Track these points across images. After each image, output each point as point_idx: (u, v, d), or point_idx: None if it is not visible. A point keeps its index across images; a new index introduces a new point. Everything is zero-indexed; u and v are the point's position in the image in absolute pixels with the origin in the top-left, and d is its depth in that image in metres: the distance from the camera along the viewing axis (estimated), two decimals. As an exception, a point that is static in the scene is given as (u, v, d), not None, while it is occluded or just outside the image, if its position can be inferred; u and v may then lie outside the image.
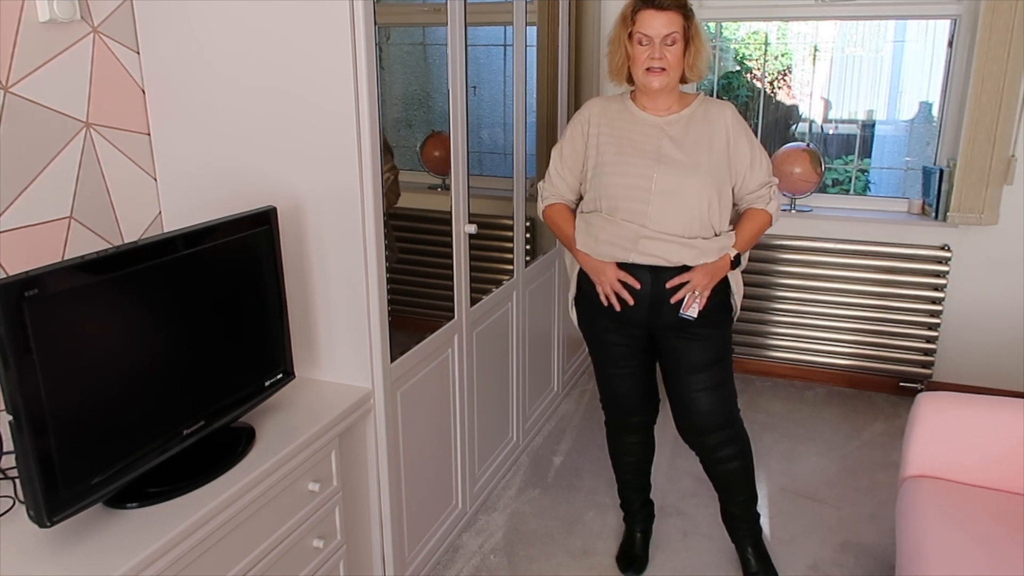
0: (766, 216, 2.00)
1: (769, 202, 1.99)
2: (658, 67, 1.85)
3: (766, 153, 2.00)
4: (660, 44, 1.83)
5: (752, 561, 2.20)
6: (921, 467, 1.98)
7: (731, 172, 1.95)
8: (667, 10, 1.83)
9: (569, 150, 2.05)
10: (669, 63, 1.84)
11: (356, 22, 1.66)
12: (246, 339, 1.67)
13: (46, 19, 1.61)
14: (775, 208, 2.00)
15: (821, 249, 3.40)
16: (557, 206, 2.10)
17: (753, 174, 1.97)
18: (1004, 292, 3.23)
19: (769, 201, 1.99)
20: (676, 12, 1.84)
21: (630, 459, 2.29)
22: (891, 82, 4.47)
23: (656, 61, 1.84)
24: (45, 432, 1.20)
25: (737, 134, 1.94)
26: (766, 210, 1.99)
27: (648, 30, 1.83)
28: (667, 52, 1.84)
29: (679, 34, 1.84)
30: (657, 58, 1.84)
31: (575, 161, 2.04)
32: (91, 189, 1.77)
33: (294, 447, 1.62)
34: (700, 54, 1.89)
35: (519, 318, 2.76)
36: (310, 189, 1.81)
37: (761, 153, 1.98)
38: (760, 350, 3.61)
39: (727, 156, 1.93)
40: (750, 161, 1.96)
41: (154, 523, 1.34)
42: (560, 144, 2.07)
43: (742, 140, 1.94)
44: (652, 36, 1.83)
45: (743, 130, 1.95)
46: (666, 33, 1.83)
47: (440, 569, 2.30)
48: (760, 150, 1.98)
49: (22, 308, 1.16)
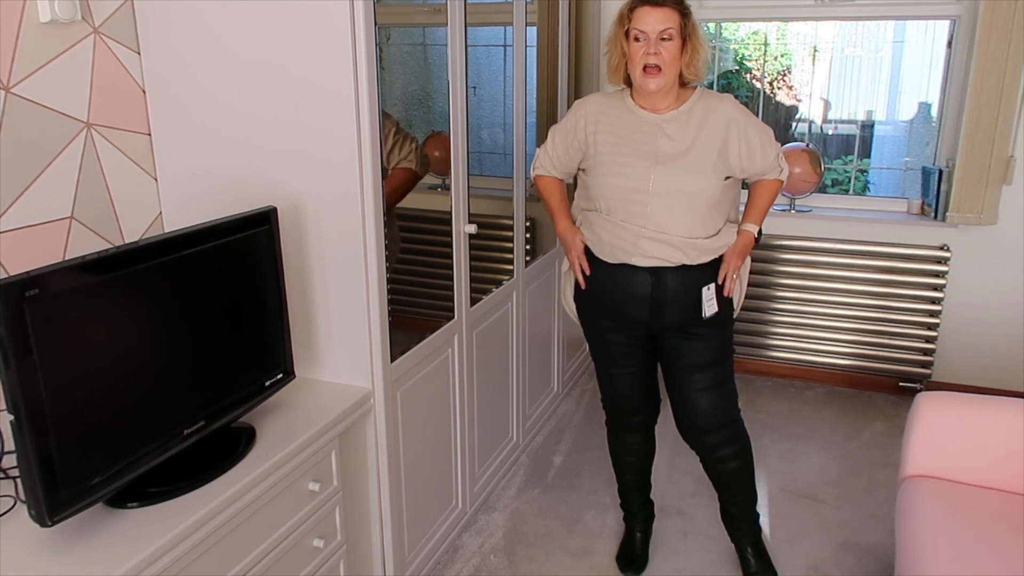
0: (777, 183, 2.04)
1: (781, 171, 2.03)
2: (654, 64, 1.83)
3: (770, 129, 2.00)
4: (656, 40, 1.82)
5: (752, 561, 2.20)
6: (921, 467, 1.99)
7: (738, 163, 1.94)
8: (663, 6, 1.82)
9: (561, 139, 2.07)
10: (664, 60, 1.83)
11: (356, 22, 1.67)
12: (246, 339, 1.67)
13: (47, 20, 1.61)
14: (784, 174, 2.04)
15: (821, 249, 3.40)
16: (547, 178, 2.16)
17: (765, 156, 1.97)
18: (1003, 292, 3.23)
19: (781, 171, 2.03)
20: (672, 8, 1.83)
21: (630, 459, 2.29)
22: (891, 82, 4.48)
23: (652, 57, 1.83)
24: (46, 432, 1.21)
25: (743, 125, 1.92)
26: (778, 178, 2.03)
27: (643, 26, 1.83)
28: (663, 48, 1.83)
29: (675, 31, 1.83)
30: (653, 53, 1.83)
31: (564, 151, 2.07)
32: (92, 189, 1.77)
33: (294, 447, 1.62)
34: (697, 53, 1.88)
35: (519, 318, 2.76)
36: (310, 189, 1.81)
37: (768, 134, 1.98)
38: (760, 350, 3.61)
39: (730, 149, 1.92)
40: (760, 150, 1.95)
41: (154, 523, 1.34)
42: (555, 129, 2.10)
43: (749, 131, 1.93)
44: (648, 32, 1.83)
45: (747, 119, 1.94)
46: (661, 28, 1.82)
47: (440, 569, 2.30)
48: (766, 131, 1.98)
49: (23, 308, 1.16)
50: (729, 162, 1.93)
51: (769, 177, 2.02)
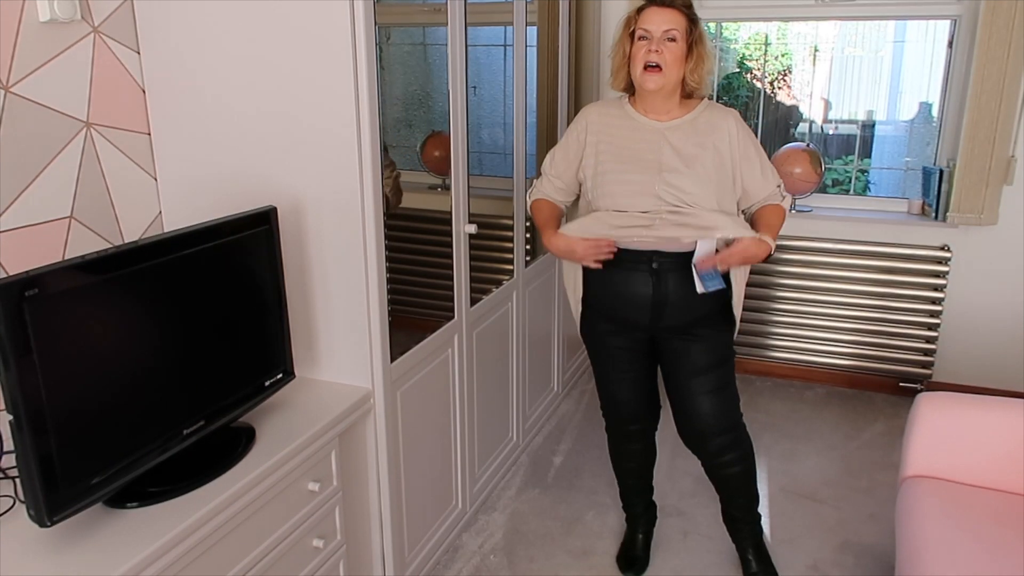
0: (782, 208, 2.00)
1: (783, 199, 2.00)
2: (655, 63, 1.82)
3: (767, 159, 1.99)
4: (659, 39, 1.81)
5: (753, 562, 2.20)
6: (921, 467, 1.98)
7: (736, 181, 1.93)
8: (670, 7, 1.82)
9: (562, 157, 2.04)
10: (666, 60, 1.82)
11: (356, 22, 1.67)
12: (246, 339, 1.67)
13: (46, 19, 1.61)
14: (787, 205, 2.01)
15: (821, 249, 3.40)
16: (541, 201, 2.11)
17: (766, 181, 1.96)
18: (1004, 292, 3.23)
19: (783, 198, 2.00)
20: (680, 12, 1.83)
21: (631, 465, 2.29)
22: (891, 82, 4.47)
23: (653, 55, 1.81)
24: (45, 432, 1.20)
25: (744, 144, 1.92)
26: (781, 204, 2.00)
27: (648, 25, 1.82)
28: (666, 48, 1.81)
29: (680, 33, 1.82)
30: (655, 51, 1.81)
31: (567, 169, 2.04)
32: (91, 189, 1.77)
33: (294, 447, 1.62)
34: (703, 61, 1.87)
35: (519, 318, 2.76)
36: (310, 189, 1.81)
37: (765, 160, 1.97)
38: (760, 350, 3.61)
39: (731, 165, 1.91)
40: (760, 171, 1.95)
41: (154, 523, 1.34)
42: (554, 150, 2.07)
43: (750, 150, 1.93)
44: (652, 31, 1.82)
45: (749, 139, 1.93)
46: (666, 28, 1.81)
47: (440, 569, 2.30)
48: (764, 157, 1.97)
49: (22, 308, 1.16)
50: (731, 175, 1.91)
51: (771, 202, 1.99)
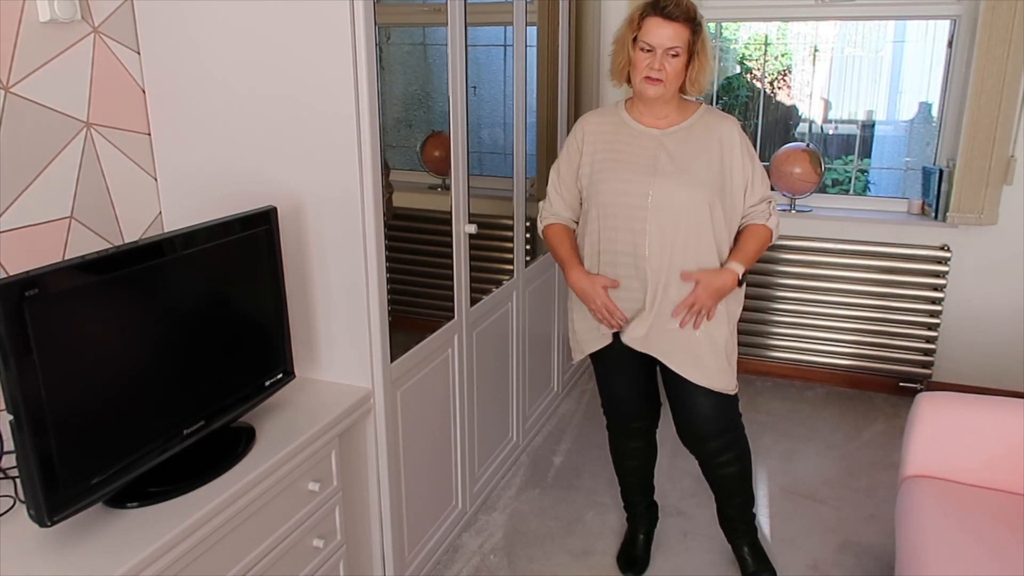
0: (767, 231, 1.96)
1: (769, 217, 1.96)
2: (656, 77, 1.82)
3: (764, 171, 1.98)
4: (662, 55, 1.80)
5: (749, 561, 2.20)
6: (921, 467, 1.98)
7: (729, 188, 1.92)
8: (675, 21, 1.78)
9: (565, 169, 2.04)
10: (667, 74, 1.81)
11: (356, 22, 1.67)
12: (246, 339, 1.67)
13: (46, 19, 1.61)
14: (775, 224, 1.97)
15: (821, 249, 3.40)
16: (556, 226, 2.07)
17: (754, 190, 1.94)
18: (1004, 292, 3.23)
19: (769, 216, 1.96)
20: (684, 25, 1.79)
21: (632, 463, 2.29)
22: (891, 82, 4.47)
23: (655, 72, 1.81)
24: (45, 432, 1.20)
25: (739, 150, 1.91)
26: (766, 225, 1.96)
27: (652, 39, 1.80)
28: (667, 64, 1.80)
29: (682, 48, 1.80)
30: (657, 68, 1.80)
31: (571, 180, 2.03)
32: (91, 189, 1.77)
33: (294, 447, 1.62)
34: (703, 69, 1.86)
35: (519, 318, 2.76)
36: (310, 189, 1.81)
37: (761, 170, 1.96)
38: (760, 350, 3.61)
39: (725, 170, 1.91)
40: (751, 178, 1.93)
41: (154, 523, 1.34)
42: (557, 163, 2.07)
43: (745, 156, 1.92)
44: (655, 46, 1.80)
45: (745, 146, 1.93)
46: (670, 45, 1.79)
47: (440, 569, 2.30)
48: (760, 167, 1.96)
49: (22, 308, 1.16)
50: (725, 180, 1.91)
51: (758, 221, 1.96)
